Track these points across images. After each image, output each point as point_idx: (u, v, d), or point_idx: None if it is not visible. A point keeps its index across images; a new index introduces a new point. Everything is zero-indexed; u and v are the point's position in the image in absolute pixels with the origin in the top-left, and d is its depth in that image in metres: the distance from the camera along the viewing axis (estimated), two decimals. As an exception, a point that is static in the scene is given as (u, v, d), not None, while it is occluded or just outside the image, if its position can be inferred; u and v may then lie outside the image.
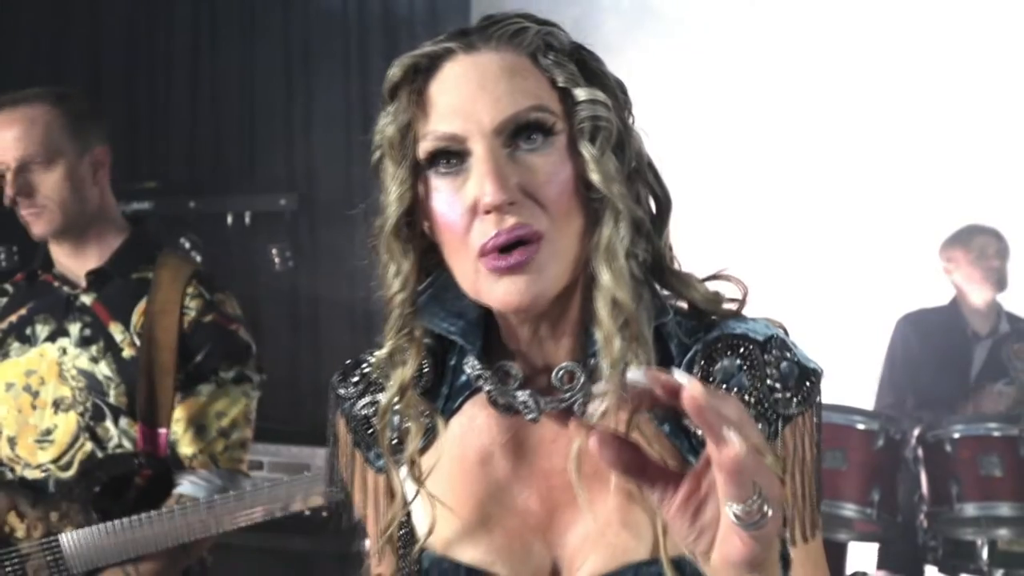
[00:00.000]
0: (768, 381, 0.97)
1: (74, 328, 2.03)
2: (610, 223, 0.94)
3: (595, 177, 0.94)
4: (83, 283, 2.05)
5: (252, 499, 1.94)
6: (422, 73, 0.96)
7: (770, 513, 0.75)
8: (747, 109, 4.15)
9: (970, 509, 3.16)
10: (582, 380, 0.98)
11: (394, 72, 0.97)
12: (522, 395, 0.98)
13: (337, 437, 1.11)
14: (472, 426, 1.02)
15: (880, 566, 3.58)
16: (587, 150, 0.94)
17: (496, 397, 1.00)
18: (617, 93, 0.98)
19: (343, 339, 4.17)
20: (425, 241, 1.00)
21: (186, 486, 1.98)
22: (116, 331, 2.02)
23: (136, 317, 2.02)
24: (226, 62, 4.30)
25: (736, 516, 0.75)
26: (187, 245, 3.82)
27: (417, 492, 1.00)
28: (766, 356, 0.98)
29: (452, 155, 0.94)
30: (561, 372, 0.99)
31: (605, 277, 0.94)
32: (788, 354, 0.98)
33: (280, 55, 4.27)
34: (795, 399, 0.97)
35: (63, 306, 2.05)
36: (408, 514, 1.04)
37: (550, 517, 1.00)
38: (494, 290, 0.93)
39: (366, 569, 1.11)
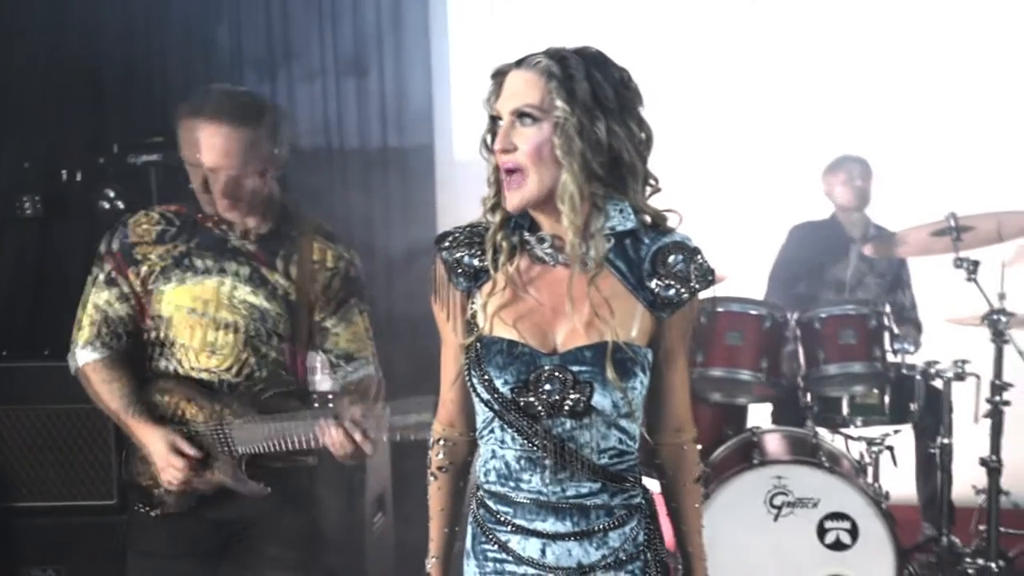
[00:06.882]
0: (693, 270, 1.65)
1: (235, 267, 2.40)
2: (566, 173, 1.60)
3: (557, 151, 1.59)
4: (240, 233, 2.42)
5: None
6: (503, 75, 1.64)
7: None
8: (672, 62, 4.93)
9: (832, 369, 3.89)
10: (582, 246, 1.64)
11: (493, 73, 1.65)
12: (549, 251, 1.68)
13: (436, 270, 1.75)
14: (520, 267, 1.69)
15: (774, 422, 4.19)
16: (555, 133, 1.59)
17: (534, 251, 1.69)
18: (588, 100, 1.58)
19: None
20: None
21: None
22: (271, 274, 2.41)
23: (287, 263, 2.42)
24: (215, 25, 4.79)
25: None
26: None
27: (511, 289, 1.68)
28: (695, 257, 1.66)
29: (497, 118, 1.64)
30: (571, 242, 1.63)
31: (565, 201, 1.60)
32: (703, 259, 1.67)
33: (262, 16, 4.82)
34: (701, 283, 1.66)
35: (224, 248, 2.41)
36: (474, 314, 1.71)
37: (555, 318, 1.66)
38: (506, 198, 1.64)
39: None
